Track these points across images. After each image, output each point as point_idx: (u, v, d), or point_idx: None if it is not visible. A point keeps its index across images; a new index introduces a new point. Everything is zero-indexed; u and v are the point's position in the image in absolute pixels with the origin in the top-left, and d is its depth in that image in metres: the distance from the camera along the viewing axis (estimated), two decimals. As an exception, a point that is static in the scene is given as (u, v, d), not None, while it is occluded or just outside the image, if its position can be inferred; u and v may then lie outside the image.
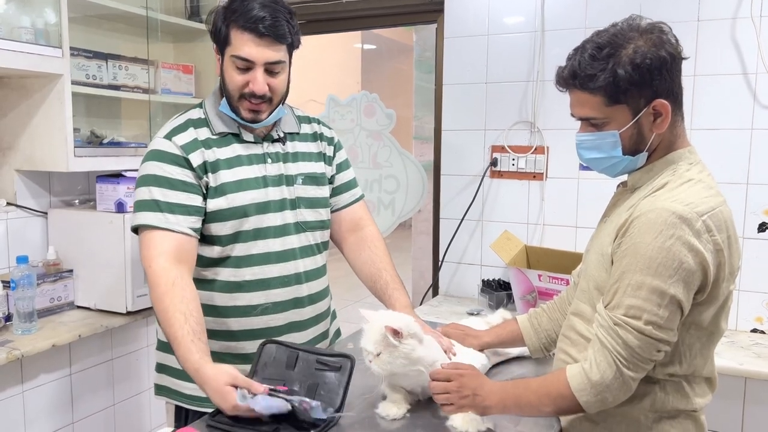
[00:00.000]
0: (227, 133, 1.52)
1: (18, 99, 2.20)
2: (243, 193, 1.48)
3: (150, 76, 2.55)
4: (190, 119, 1.52)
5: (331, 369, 1.31)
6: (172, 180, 1.44)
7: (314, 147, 1.65)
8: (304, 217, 1.58)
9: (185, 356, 1.31)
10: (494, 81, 2.55)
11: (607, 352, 1.15)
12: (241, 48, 1.42)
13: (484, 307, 2.47)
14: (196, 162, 1.46)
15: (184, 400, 1.57)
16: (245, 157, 1.52)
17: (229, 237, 1.49)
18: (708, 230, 1.13)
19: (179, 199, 1.43)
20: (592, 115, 1.22)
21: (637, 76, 1.16)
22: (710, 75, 2.20)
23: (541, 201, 2.51)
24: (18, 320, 2.00)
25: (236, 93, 1.47)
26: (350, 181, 1.74)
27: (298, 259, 1.57)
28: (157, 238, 1.41)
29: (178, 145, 1.46)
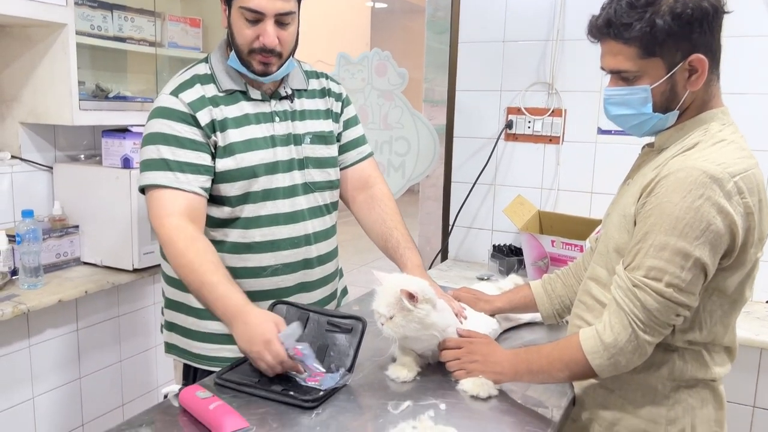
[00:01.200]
0: (234, 91, 1.47)
1: (21, 49, 2.14)
2: (252, 153, 1.45)
3: (156, 29, 2.48)
4: (196, 75, 1.47)
5: (342, 331, 1.29)
6: (180, 138, 1.40)
7: (322, 104, 1.60)
8: (312, 177, 1.55)
9: (225, 297, 1.27)
10: (512, 40, 2.46)
11: (623, 314, 1.11)
12: (251, 0, 1.36)
13: (494, 273, 2.44)
14: (203, 120, 1.42)
15: (192, 359, 1.56)
16: (253, 115, 1.48)
17: (238, 198, 1.46)
18: (739, 192, 1.08)
19: (189, 158, 1.40)
20: (624, 68, 1.15)
21: (677, 27, 1.09)
22: (738, 36, 2.10)
23: (556, 165, 2.45)
24: (24, 275, 1.99)
25: (246, 48, 1.42)
26: (358, 138, 1.69)
27: (307, 220, 1.54)
28: (168, 197, 1.37)
29: (185, 102, 1.41)
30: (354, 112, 1.70)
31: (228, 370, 1.25)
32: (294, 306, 1.36)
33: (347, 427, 1.08)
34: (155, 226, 1.39)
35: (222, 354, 1.51)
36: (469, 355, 1.27)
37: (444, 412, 1.14)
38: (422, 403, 1.17)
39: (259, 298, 1.48)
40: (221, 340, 1.49)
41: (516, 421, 1.14)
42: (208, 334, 1.52)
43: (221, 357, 1.51)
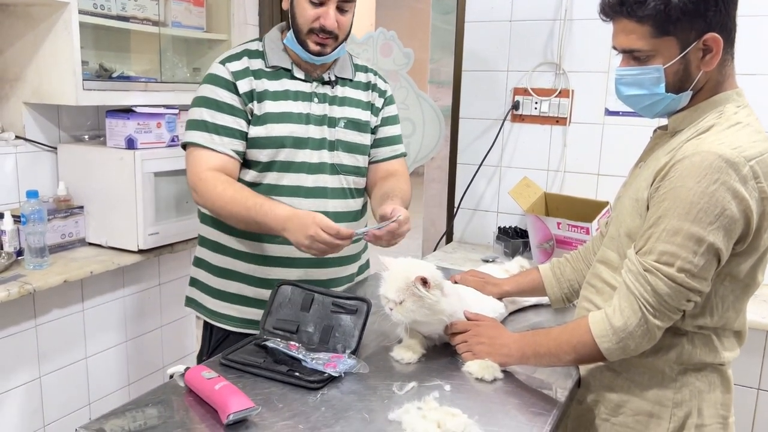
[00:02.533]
0: (280, 68, 1.59)
1: (24, 28, 2.12)
2: (283, 125, 1.55)
3: (160, 8, 2.45)
4: (247, 49, 1.60)
5: (347, 312, 1.29)
6: (220, 103, 1.53)
7: (364, 96, 1.69)
8: (341, 159, 1.62)
9: (271, 210, 1.43)
10: (519, 19, 2.42)
11: (633, 299, 1.10)
12: None
13: (499, 255, 2.43)
14: (243, 89, 1.54)
15: (206, 314, 1.68)
16: (292, 92, 1.58)
17: (264, 165, 1.56)
18: (755, 176, 1.06)
19: (226, 121, 1.53)
20: (636, 47, 1.13)
21: (691, 5, 1.07)
22: (751, 16, 2.07)
23: (563, 147, 2.42)
24: (29, 255, 1.99)
25: (305, 27, 1.52)
26: (395, 136, 1.76)
27: (329, 198, 1.60)
28: (204, 155, 1.52)
29: (230, 71, 1.55)
30: (395, 111, 1.78)
31: (233, 350, 1.25)
32: (299, 287, 1.36)
33: (352, 408, 1.08)
34: (193, 182, 1.53)
35: (230, 313, 1.64)
36: (476, 337, 1.27)
37: (449, 393, 1.14)
38: (427, 384, 1.17)
39: (278, 264, 1.59)
40: (233, 299, 1.63)
41: (521, 403, 1.14)
42: (223, 292, 1.64)
43: (229, 315, 1.64)
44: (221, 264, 1.64)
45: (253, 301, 1.62)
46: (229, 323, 1.64)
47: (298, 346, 1.23)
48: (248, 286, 1.62)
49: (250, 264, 1.61)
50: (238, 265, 1.62)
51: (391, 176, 1.71)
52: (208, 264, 1.67)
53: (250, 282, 1.61)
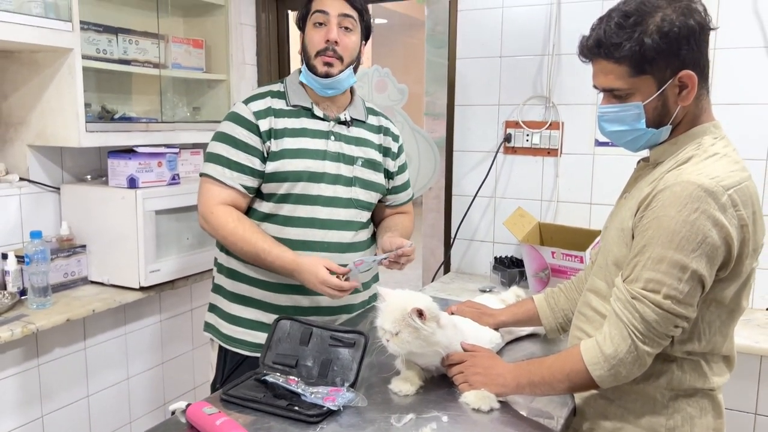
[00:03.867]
0: (300, 107, 1.69)
1: (29, 74, 2.19)
2: (299, 160, 1.64)
3: (160, 51, 2.53)
4: (270, 90, 1.72)
5: (345, 345, 1.31)
6: (237, 140, 1.63)
7: (376, 138, 1.79)
8: (358, 195, 1.72)
9: (280, 256, 1.57)
10: (508, 55, 2.50)
11: (623, 326, 1.13)
12: (320, 4, 1.64)
13: (496, 285, 2.46)
14: (263, 127, 1.64)
15: (222, 339, 1.75)
16: (311, 130, 1.68)
17: (280, 197, 1.65)
18: (733, 205, 1.11)
19: (239, 158, 1.62)
20: (616, 86, 1.18)
21: (665, 45, 1.12)
22: (731, 48, 2.14)
23: (555, 177, 2.48)
24: (33, 295, 2.01)
25: (313, 50, 1.65)
26: (407, 181, 1.92)
27: (341, 230, 1.68)
28: (215, 189, 1.63)
29: (252, 111, 1.65)
30: (405, 158, 1.91)
31: (234, 386, 1.27)
32: (297, 321, 1.38)
33: (351, 441, 1.09)
34: (204, 212, 1.64)
35: (245, 338, 1.71)
36: (472, 368, 1.29)
37: (446, 424, 1.16)
38: (425, 416, 1.18)
39: (289, 291, 1.67)
40: (248, 325, 1.70)
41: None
42: (239, 318, 1.71)
43: (244, 340, 1.71)
44: (237, 290, 1.71)
45: (267, 327, 1.64)
46: (245, 348, 1.71)
47: (297, 380, 1.25)
48: (264, 312, 1.69)
49: (265, 291, 1.68)
50: (254, 292, 1.69)
51: (400, 214, 1.88)
52: (225, 290, 1.74)
53: (265, 308, 1.69)
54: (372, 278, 1.85)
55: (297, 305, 1.68)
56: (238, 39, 2.83)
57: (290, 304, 1.68)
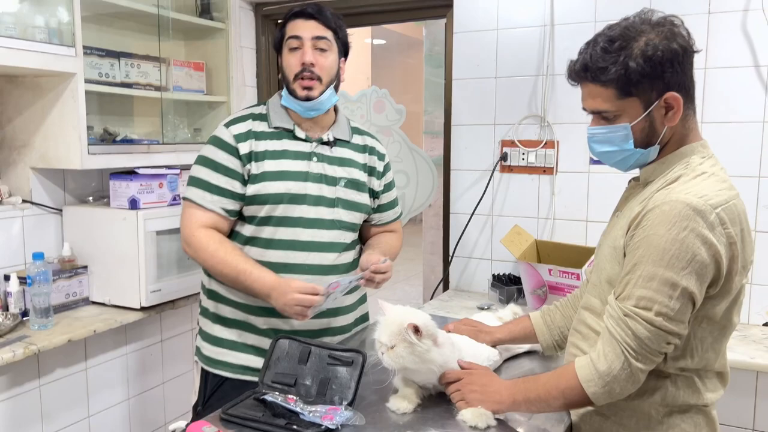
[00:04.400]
0: (282, 129, 1.69)
1: (32, 98, 2.23)
2: (279, 183, 1.63)
3: (162, 74, 2.57)
4: (252, 113, 1.72)
5: (343, 364, 1.33)
6: (217, 164, 1.64)
7: (361, 158, 1.78)
8: (340, 216, 1.70)
9: (259, 279, 1.56)
10: (504, 76, 2.54)
11: (616, 343, 1.15)
12: (293, 29, 1.65)
13: (494, 302, 2.47)
14: (243, 150, 1.64)
15: (204, 361, 1.73)
16: (292, 152, 1.67)
17: (261, 219, 1.64)
18: (722, 223, 1.13)
19: (219, 182, 1.63)
20: (603, 108, 1.22)
21: (649, 69, 1.16)
22: (721, 68, 2.18)
23: (551, 195, 2.50)
24: (34, 316, 2.03)
25: (291, 75, 1.65)
26: (395, 199, 1.90)
27: (323, 252, 1.67)
28: (197, 212, 1.64)
29: (232, 134, 1.65)
30: (392, 176, 1.90)
31: (233, 405, 1.28)
32: (296, 340, 1.40)
33: (349, 459, 1.11)
34: (186, 236, 1.64)
35: (227, 359, 1.69)
36: (469, 385, 1.30)
37: (443, 442, 1.17)
38: (422, 434, 1.20)
39: (271, 314, 1.63)
40: (231, 346, 1.69)
41: (513, 450, 1.16)
42: (222, 339, 1.70)
43: (225, 362, 1.69)
44: (219, 312, 1.71)
45: (250, 348, 1.68)
46: (226, 369, 1.69)
47: (296, 399, 1.27)
48: (248, 333, 1.68)
49: (245, 313, 1.68)
50: (236, 313, 1.69)
51: (386, 233, 1.86)
52: (209, 312, 1.74)
53: (249, 329, 1.68)
54: (357, 300, 1.83)
55: (275, 328, 1.66)
56: (238, 61, 2.88)
57: (268, 327, 1.67)
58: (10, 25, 1.99)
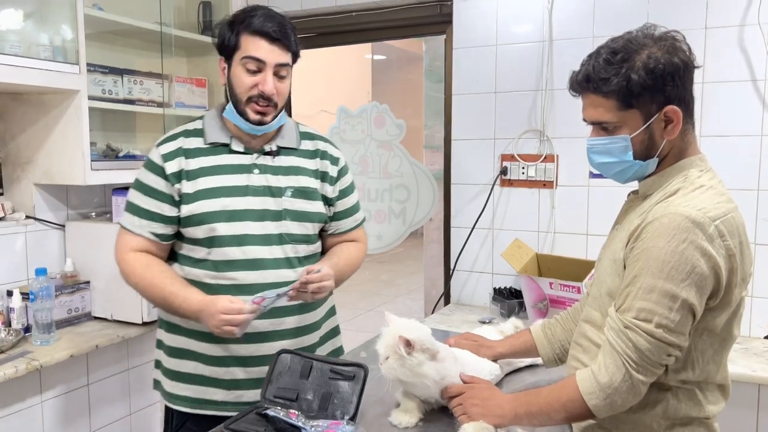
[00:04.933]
0: (218, 144, 1.59)
1: (36, 115, 2.25)
2: (215, 200, 1.54)
3: (164, 90, 2.60)
4: (186, 129, 1.62)
5: (344, 378, 1.33)
6: (147, 187, 1.57)
7: (312, 164, 1.66)
8: (289, 229, 1.59)
9: (185, 300, 1.48)
10: (503, 90, 2.57)
11: (617, 355, 1.15)
12: (255, 50, 1.51)
13: (495, 316, 2.47)
14: (170, 169, 1.55)
15: (165, 396, 1.65)
16: (230, 166, 1.58)
17: (206, 240, 1.55)
18: (720, 235, 1.14)
19: (148, 205, 1.56)
20: (604, 119, 1.23)
21: (650, 81, 1.17)
22: (719, 82, 2.20)
23: (551, 209, 2.52)
24: (37, 331, 2.04)
25: (244, 96, 1.53)
26: (354, 206, 1.76)
27: (279, 269, 1.57)
28: (127, 237, 1.57)
29: (160, 153, 1.57)
30: (351, 179, 1.76)
31: (236, 420, 1.29)
32: (298, 355, 1.40)
33: (351, 473, 1.11)
34: (118, 261, 1.58)
35: (186, 393, 1.60)
36: (471, 399, 1.30)
37: (445, 456, 1.17)
38: (424, 448, 1.20)
39: (227, 341, 1.53)
40: (189, 379, 1.59)
41: (515, 463, 1.16)
42: (179, 373, 1.61)
43: (186, 396, 1.60)
44: (175, 344, 1.61)
45: (208, 380, 1.58)
46: (186, 405, 1.60)
47: (297, 413, 1.27)
48: (204, 365, 1.58)
49: (202, 342, 1.57)
50: (192, 344, 1.59)
51: (346, 243, 1.74)
52: (164, 344, 1.65)
53: (205, 361, 1.58)
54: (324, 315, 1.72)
55: (234, 355, 1.56)
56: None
57: (232, 354, 1.56)
58: (15, 43, 2.01)
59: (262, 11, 1.53)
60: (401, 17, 2.82)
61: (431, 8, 2.74)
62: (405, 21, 2.83)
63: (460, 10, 2.63)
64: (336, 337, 1.81)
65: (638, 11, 2.29)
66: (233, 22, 1.54)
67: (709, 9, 2.21)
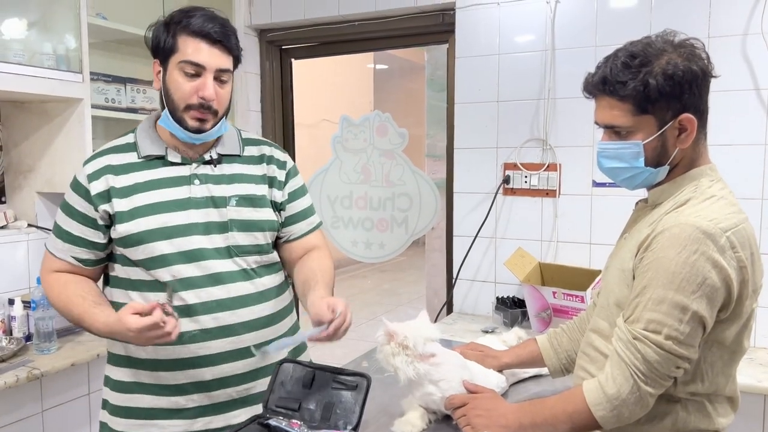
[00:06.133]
0: (153, 157, 1.46)
1: (39, 123, 2.25)
2: (153, 217, 1.42)
3: (167, 99, 2.60)
4: (117, 145, 1.49)
5: (347, 388, 1.32)
6: (72, 209, 1.45)
7: (258, 170, 1.55)
8: (236, 240, 1.46)
9: (94, 321, 1.37)
10: (505, 99, 2.57)
11: (625, 366, 1.14)
12: (194, 54, 1.39)
13: (498, 325, 2.46)
14: (95, 190, 1.42)
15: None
16: (168, 179, 1.46)
17: (150, 261, 1.41)
18: (732, 246, 1.13)
19: (71, 228, 1.45)
20: (618, 123, 1.21)
21: (668, 88, 1.16)
22: (722, 91, 2.20)
23: (554, 218, 2.51)
24: (38, 340, 2.03)
25: (182, 102, 1.41)
26: (306, 209, 1.63)
27: (231, 283, 1.45)
28: (49, 259, 1.49)
29: (86, 173, 1.44)
30: (301, 182, 1.64)
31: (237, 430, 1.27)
32: (300, 364, 1.39)
33: (355, 485, 1.09)
34: (42, 283, 1.51)
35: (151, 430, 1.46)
36: (474, 410, 1.29)
37: (449, 467, 1.16)
38: (428, 459, 1.19)
39: (180, 366, 1.43)
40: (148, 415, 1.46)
41: (521, 475, 1.15)
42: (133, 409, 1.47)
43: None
44: (125, 378, 1.47)
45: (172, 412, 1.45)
46: None
47: (300, 423, 1.26)
48: (162, 398, 1.45)
49: (151, 371, 1.45)
50: (139, 374, 1.46)
51: (310, 252, 1.60)
52: (111, 380, 1.51)
53: (162, 392, 1.45)
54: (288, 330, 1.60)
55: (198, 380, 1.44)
56: (242, 86, 2.91)
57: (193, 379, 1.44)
58: (19, 52, 2.02)
59: (202, 12, 1.42)
60: (404, 26, 2.82)
61: (434, 17, 2.75)
62: (407, 30, 2.84)
63: (462, 19, 2.63)
64: None
65: (641, 20, 2.29)
66: (169, 23, 1.41)
67: (712, 18, 2.21)
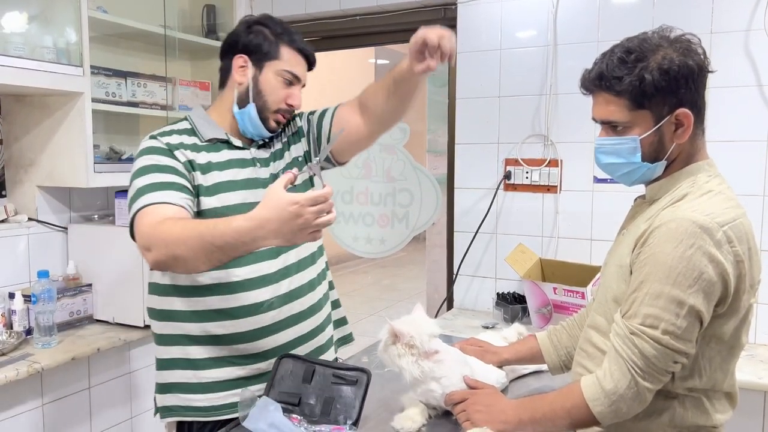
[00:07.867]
0: (216, 140, 1.53)
1: (40, 116, 2.25)
2: (234, 193, 1.48)
3: (168, 93, 2.60)
4: (176, 129, 1.53)
5: (347, 383, 1.32)
6: (161, 165, 1.42)
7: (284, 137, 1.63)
8: None
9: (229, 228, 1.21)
10: (507, 95, 2.56)
11: (622, 361, 1.14)
12: (297, 66, 1.56)
13: (499, 321, 2.46)
14: (182, 159, 1.45)
15: (195, 413, 1.51)
16: (237, 160, 1.53)
17: None
18: (729, 241, 1.13)
19: (172, 179, 1.40)
20: (614, 119, 1.22)
21: (664, 83, 1.16)
22: (724, 87, 2.19)
23: (555, 214, 2.51)
24: (38, 334, 2.03)
25: (275, 105, 1.54)
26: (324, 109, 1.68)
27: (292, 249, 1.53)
28: (157, 209, 1.33)
29: (164, 142, 1.46)
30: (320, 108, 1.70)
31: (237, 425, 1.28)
32: (300, 359, 1.40)
33: (354, 480, 1.10)
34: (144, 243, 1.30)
35: (228, 400, 1.49)
36: (474, 405, 1.29)
37: (449, 462, 1.16)
38: (427, 454, 1.19)
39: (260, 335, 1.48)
40: (222, 387, 1.50)
41: (520, 470, 1.15)
42: (210, 383, 1.50)
43: (227, 404, 1.49)
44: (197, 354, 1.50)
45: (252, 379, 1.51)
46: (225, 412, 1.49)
47: (300, 418, 1.26)
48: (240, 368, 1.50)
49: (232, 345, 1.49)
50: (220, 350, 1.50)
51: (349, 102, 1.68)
52: (183, 360, 1.52)
53: (235, 362, 1.50)
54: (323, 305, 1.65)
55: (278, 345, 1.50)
56: (243, 81, 2.89)
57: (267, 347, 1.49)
58: (19, 45, 2.01)
59: (297, 33, 1.59)
60: (405, 21, 2.81)
61: (435, 12, 2.74)
62: (409, 25, 2.82)
63: (464, 14, 2.62)
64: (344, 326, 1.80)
65: (643, 16, 2.28)
66: (272, 31, 1.54)
67: (715, 14, 2.20)
